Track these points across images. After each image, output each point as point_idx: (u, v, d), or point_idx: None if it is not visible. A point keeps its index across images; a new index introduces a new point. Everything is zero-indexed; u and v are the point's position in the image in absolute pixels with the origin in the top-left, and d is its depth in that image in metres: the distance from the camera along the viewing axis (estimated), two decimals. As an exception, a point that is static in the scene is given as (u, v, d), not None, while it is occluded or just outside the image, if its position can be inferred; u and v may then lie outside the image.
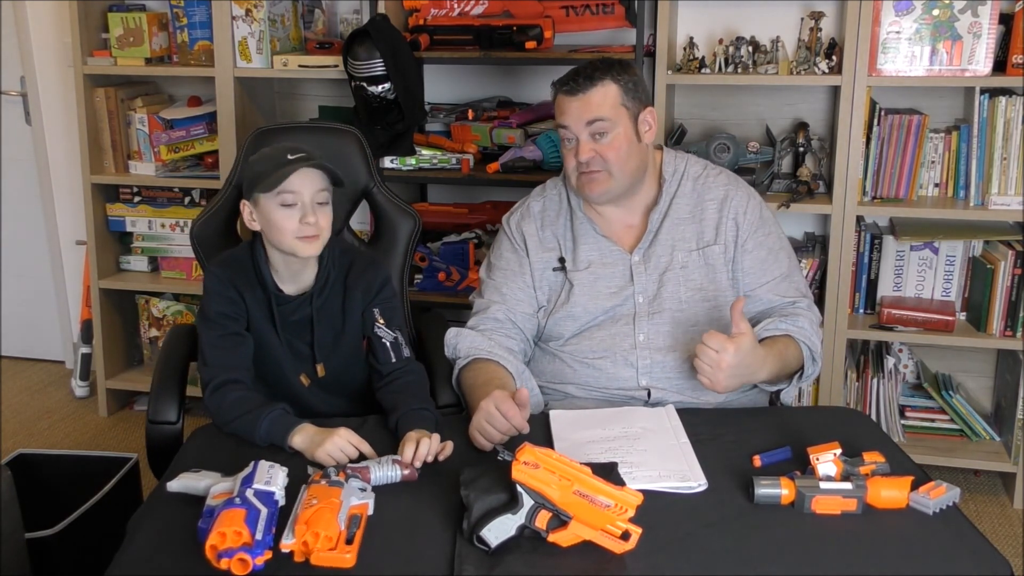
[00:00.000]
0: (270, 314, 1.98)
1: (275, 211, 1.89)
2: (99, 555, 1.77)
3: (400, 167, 3.07)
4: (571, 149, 2.04)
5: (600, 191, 2.04)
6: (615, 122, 2.00)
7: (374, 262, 2.10)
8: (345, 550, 1.42)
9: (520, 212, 2.19)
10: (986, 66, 2.78)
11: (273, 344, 1.99)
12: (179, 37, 3.30)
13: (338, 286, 2.01)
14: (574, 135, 2.02)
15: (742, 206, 2.09)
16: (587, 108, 1.99)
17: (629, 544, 1.43)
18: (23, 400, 3.78)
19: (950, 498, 1.56)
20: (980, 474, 3.12)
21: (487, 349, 2.01)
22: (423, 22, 3.11)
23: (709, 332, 1.84)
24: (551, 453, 1.47)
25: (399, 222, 2.35)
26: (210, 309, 1.95)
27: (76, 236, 3.76)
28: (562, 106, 2.03)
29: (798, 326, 2.00)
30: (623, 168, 2.02)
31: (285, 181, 1.86)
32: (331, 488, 1.51)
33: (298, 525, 1.43)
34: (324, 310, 2.01)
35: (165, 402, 2.05)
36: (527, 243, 2.14)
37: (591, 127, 2.00)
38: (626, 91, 2.02)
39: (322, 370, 2.03)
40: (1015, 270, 2.87)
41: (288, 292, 1.99)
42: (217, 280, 1.96)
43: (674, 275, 2.06)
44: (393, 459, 1.67)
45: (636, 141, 2.03)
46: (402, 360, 2.00)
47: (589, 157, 2.01)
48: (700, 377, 1.85)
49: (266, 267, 1.98)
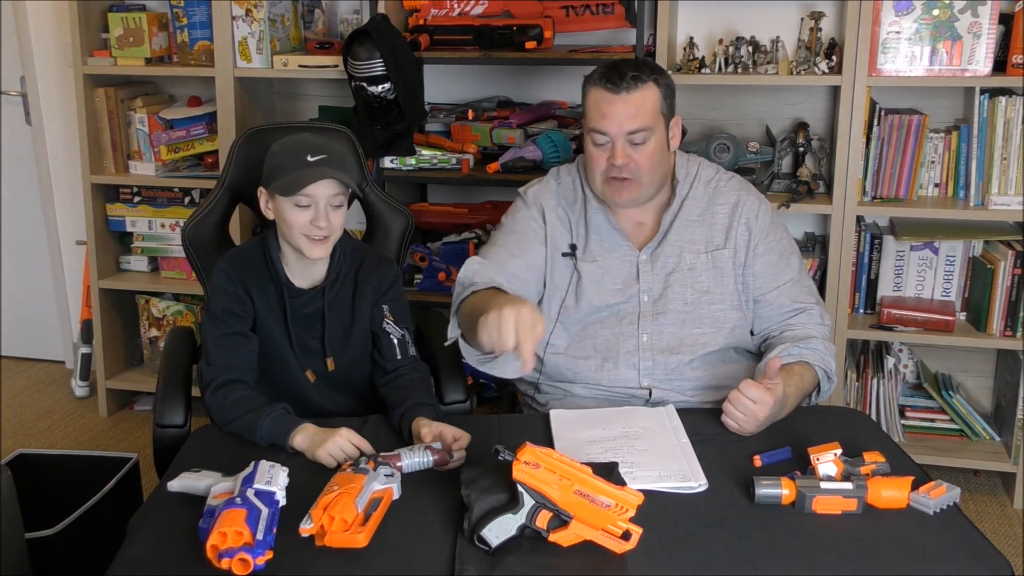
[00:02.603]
0: (281, 308, 1.99)
1: (289, 209, 1.90)
2: (99, 555, 1.77)
3: (400, 167, 3.07)
4: (604, 151, 1.98)
5: (628, 198, 2.02)
6: (653, 130, 1.97)
7: (385, 259, 2.11)
8: (358, 531, 1.43)
9: (539, 187, 2.14)
10: (986, 66, 2.79)
11: (281, 340, 2.00)
12: (179, 37, 3.30)
13: (349, 281, 2.02)
14: (610, 139, 1.97)
15: (754, 211, 2.09)
16: (630, 113, 1.94)
17: (630, 544, 1.43)
18: (23, 400, 3.78)
19: (950, 498, 1.56)
20: (980, 474, 3.12)
21: (509, 287, 1.95)
22: (423, 22, 3.11)
23: (746, 382, 1.77)
24: (552, 453, 1.47)
25: (392, 221, 2.35)
26: (216, 306, 1.95)
27: (76, 236, 3.76)
28: (601, 105, 1.96)
29: (812, 348, 1.99)
30: (652, 176, 2.01)
31: (300, 182, 1.87)
32: (355, 475, 1.54)
33: (315, 510, 1.45)
34: (335, 304, 2.01)
35: (172, 405, 2.05)
36: (546, 215, 2.10)
37: (632, 136, 1.96)
38: (665, 97, 1.99)
39: (332, 364, 2.03)
40: (1015, 270, 2.88)
41: (299, 285, 2.00)
42: (225, 277, 1.97)
43: (681, 276, 2.05)
44: (425, 445, 1.68)
45: (667, 149, 2.02)
46: (407, 358, 2.01)
47: (624, 163, 1.97)
48: (728, 421, 1.81)
49: (279, 260, 1.98)
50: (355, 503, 1.47)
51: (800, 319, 2.06)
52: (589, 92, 2.00)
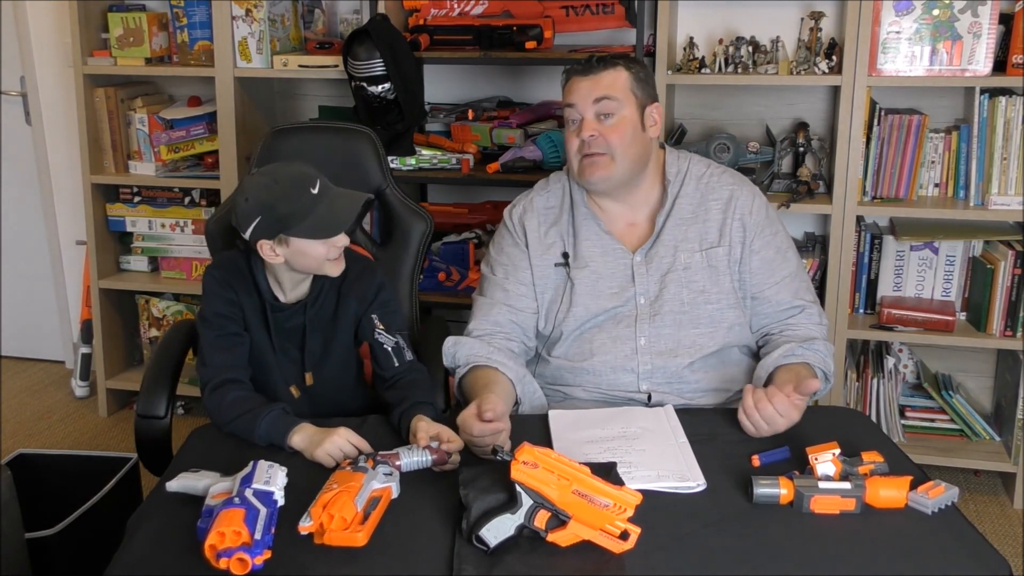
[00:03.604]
0: (264, 321, 1.99)
1: (312, 245, 1.88)
2: (99, 555, 1.77)
3: (400, 167, 3.07)
4: (575, 129, 2.03)
5: (601, 175, 2.02)
6: (622, 103, 2.00)
7: (368, 268, 2.07)
8: (357, 529, 1.43)
9: (523, 205, 2.17)
10: (986, 66, 2.78)
11: (266, 351, 2.00)
12: (179, 37, 3.30)
13: (332, 294, 2.01)
14: (579, 114, 2.01)
15: (748, 206, 2.08)
16: (596, 86, 2.00)
17: (628, 544, 1.43)
18: (23, 400, 3.78)
19: (949, 498, 1.56)
20: (980, 474, 3.12)
21: (485, 356, 2.00)
22: (423, 22, 3.11)
23: (772, 390, 1.79)
24: (550, 453, 1.47)
25: (411, 224, 2.34)
26: (208, 310, 1.95)
27: (76, 236, 3.76)
28: (571, 86, 2.04)
29: (814, 350, 1.99)
30: (625, 153, 2.01)
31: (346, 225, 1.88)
32: (354, 474, 1.54)
33: (315, 508, 1.46)
34: (316, 319, 2.01)
35: (155, 397, 2.05)
36: (528, 237, 2.12)
37: (598, 105, 2.00)
38: (636, 80, 2.03)
39: (310, 379, 2.03)
40: (1015, 270, 2.87)
41: (283, 300, 2.00)
42: (215, 281, 1.97)
43: (676, 276, 2.04)
44: (423, 445, 1.68)
45: (640, 129, 2.03)
46: (405, 364, 2.00)
47: (592, 135, 1.99)
48: (745, 423, 1.79)
49: (262, 276, 1.98)
50: (354, 502, 1.47)
51: (800, 318, 2.06)
52: (565, 84, 2.07)
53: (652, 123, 2.05)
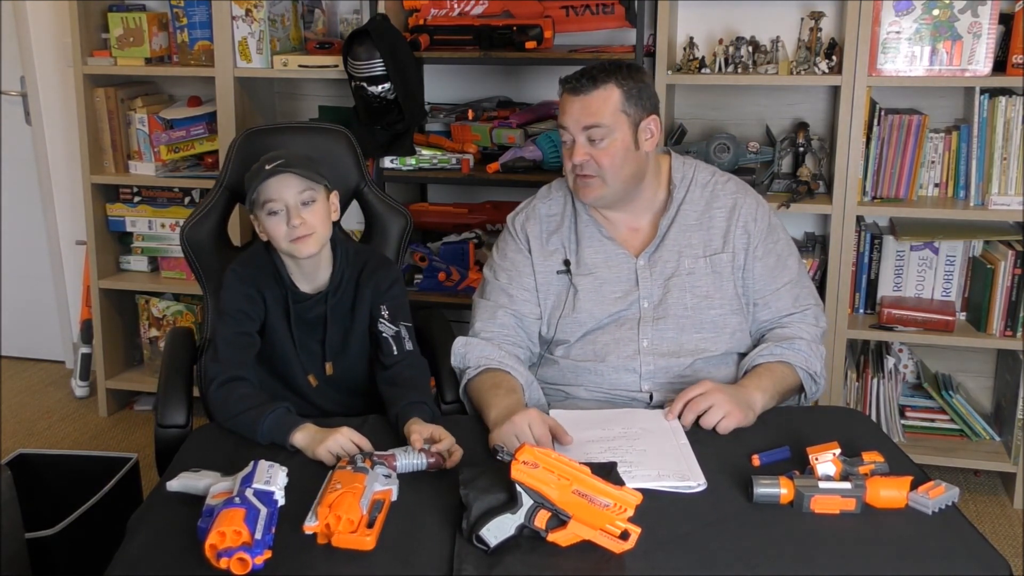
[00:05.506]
0: (285, 312, 2.01)
1: (266, 221, 1.94)
2: (99, 555, 1.77)
3: (400, 167, 3.07)
4: (568, 150, 2.04)
5: (593, 196, 2.04)
6: (612, 128, 1.99)
7: (386, 262, 2.13)
8: (365, 533, 1.44)
9: (526, 212, 2.18)
10: (986, 66, 2.78)
11: (286, 342, 2.02)
12: (179, 37, 3.30)
13: (351, 285, 2.04)
14: (571, 136, 2.02)
15: (752, 214, 2.09)
16: (586, 112, 1.99)
17: (628, 544, 1.43)
18: (23, 400, 3.78)
19: (949, 498, 1.56)
20: (980, 474, 3.12)
21: (497, 359, 2.00)
22: (423, 22, 3.11)
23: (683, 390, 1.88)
24: (550, 453, 1.47)
25: (390, 221, 2.35)
26: (230, 305, 1.98)
27: (76, 236, 3.76)
28: (564, 105, 2.03)
29: (795, 349, 2.00)
30: (616, 175, 2.02)
31: (262, 191, 1.91)
32: (356, 474, 1.55)
33: (321, 508, 1.46)
34: (337, 309, 2.03)
35: (174, 406, 2.05)
36: (531, 244, 2.13)
37: (587, 132, 1.99)
38: (628, 97, 2.00)
39: (331, 368, 2.05)
40: (1015, 270, 2.87)
41: (304, 290, 2.02)
42: (238, 278, 1.99)
43: (680, 281, 2.05)
44: (420, 447, 1.69)
45: (633, 148, 2.02)
46: (403, 353, 2.01)
47: (583, 160, 2.01)
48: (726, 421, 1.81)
49: (283, 265, 2.01)
50: (360, 504, 1.47)
51: (794, 319, 2.07)
52: (560, 96, 2.06)
53: (648, 137, 2.04)
